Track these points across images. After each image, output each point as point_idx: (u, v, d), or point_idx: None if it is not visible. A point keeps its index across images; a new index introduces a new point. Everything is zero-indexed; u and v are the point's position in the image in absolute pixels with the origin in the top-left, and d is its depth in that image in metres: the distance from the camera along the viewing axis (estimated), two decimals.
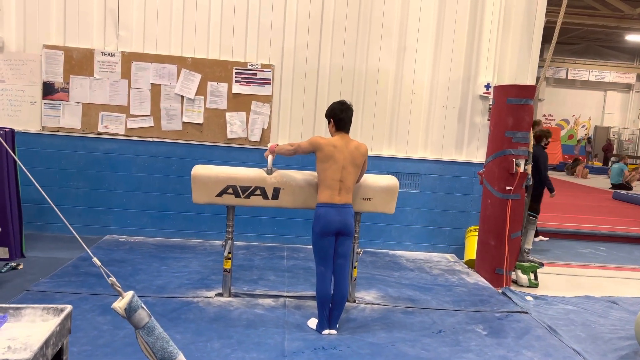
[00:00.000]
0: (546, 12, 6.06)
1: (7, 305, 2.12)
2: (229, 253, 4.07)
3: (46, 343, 1.81)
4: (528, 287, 5.15)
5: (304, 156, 4.11)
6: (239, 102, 5.78)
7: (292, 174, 4.00)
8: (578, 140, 24.17)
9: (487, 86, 5.96)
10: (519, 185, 4.98)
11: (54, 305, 2.10)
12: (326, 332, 3.63)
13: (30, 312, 2.07)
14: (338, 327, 3.71)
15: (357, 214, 4.15)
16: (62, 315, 2.03)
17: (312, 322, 3.75)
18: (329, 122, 3.73)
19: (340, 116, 3.66)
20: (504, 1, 5.92)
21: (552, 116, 24.77)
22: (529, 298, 4.72)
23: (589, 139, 24.48)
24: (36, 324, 2.02)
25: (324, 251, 3.63)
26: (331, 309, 3.67)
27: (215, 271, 4.71)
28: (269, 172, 3.98)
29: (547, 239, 7.33)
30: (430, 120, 6.03)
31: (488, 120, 5.91)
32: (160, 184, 5.81)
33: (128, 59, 5.61)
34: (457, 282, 5.04)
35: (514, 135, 4.96)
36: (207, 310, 3.87)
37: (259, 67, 5.76)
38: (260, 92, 5.78)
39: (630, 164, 18.30)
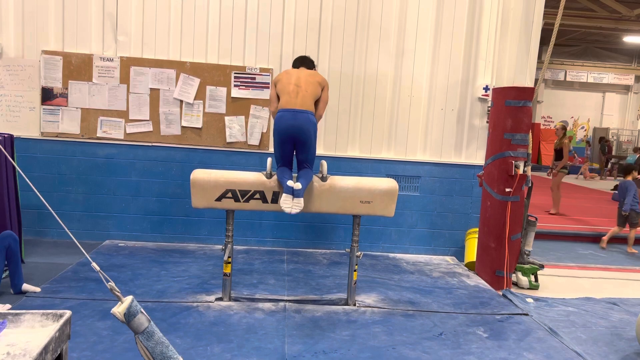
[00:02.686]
0: (544, 14, 6.07)
1: (6, 311, 2.11)
2: (229, 257, 4.07)
3: (45, 349, 1.81)
4: (528, 289, 5.14)
5: None
6: (238, 106, 5.79)
7: None
8: (587, 142, 24.07)
9: (486, 88, 5.96)
10: (518, 187, 4.97)
11: (53, 311, 2.10)
12: (290, 182, 3.79)
13: (30, 318, 2.07)
14: (337, 331, 3.70)
15: (357, 217, 4.15)
16: (62, 320, 2.03)
17: (283, 197, 3.83)
18: None
19: (294, 62, 4.45)
20: (502, 3, 5.94)
21: (551, 118, 24.76)
22: (529, 300, 4.71)
23: (587, 140, 24.49)
24: (35, 330, 2.02)
25: (282, 156, 4.01)
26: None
27: (215, 275, 4.71)
28: (268, 176, 3.98)
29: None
30: (429, 122, 6.04)
31: (487, 122, 5.92)
32: (159, 189, 5.80)
33: (127, 63, 5.62)
34: (457, 285, 5.03)
35: (513, 137, 4.96)
36: (207, 315, 3.86)
37: (258, 71, 5.76)
38: (259, 96, 5.78)
39: None
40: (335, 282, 4.82)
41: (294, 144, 4.00)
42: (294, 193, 3.78)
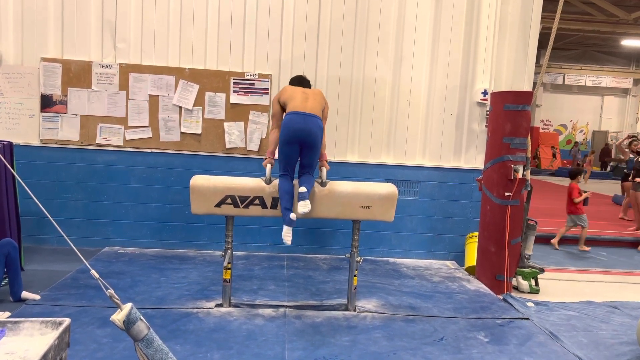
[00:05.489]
0: (542, 18, 6.09)
1: (5, 319, 2.11)
2: (229, 263, 4.06)
3: (44, 357, 1.80)
4: (529, 293, 5.13)
5: None
6: (237, 112, 5.79)
7: None
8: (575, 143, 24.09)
9: (484, 93, 5.97)
10: (517, 191, 4.98)
11: (52, 319, 2.09)
12: (293, 215, 3.84)
13: (29, 326, 2.06)
14: (337, 337, 3.70)
15: (356, 222, 4.14)
16: (61, 328, 2.02)
17: (285, 231, 3.87)
18: None
19: (292, 81, 4.39)
20: (500, 8, 5.96)
21: (550, 122, 24.83)
22: (530, 304, 4.70)
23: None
24: (34, 338, 2.01)
25: (287, 160, 3.96)
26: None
27: (215, 282, 4.70)
28: (268, 182, 3.98)
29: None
30: (428, 127, 6.04)
31: (486, 126, 5.93)
32: (159, 195, 5.80)
33: (126, 70, 5.63)
34: (457, 289, 5.02)
35: (512, 141, 4.96)
36: (207, 321, 3.85)
37: (257, 77, 5.78)
38: (258, 101, 5.79)
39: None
40: (335, 288, 4.81)
41: (301, 148, 3.96)
42: (299, 196, 3.81)
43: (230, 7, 5.71)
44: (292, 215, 3.84)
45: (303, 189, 3.80)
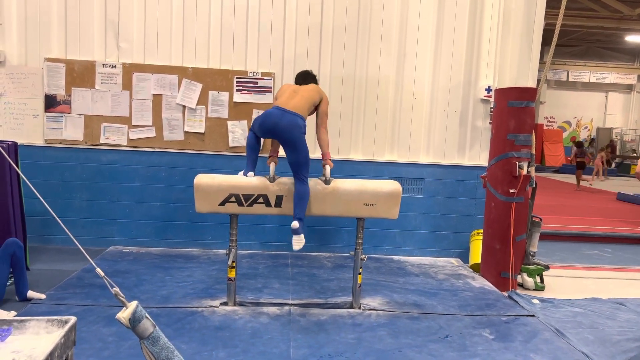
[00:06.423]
0: (545, 14, 6.06)
1: (11, 318, 2.12)
2: (233, 262, 4.06)
3: (51, 355, 1.81)
4: (534, 290, 5.12)
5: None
6: (241, 111, 5.80)
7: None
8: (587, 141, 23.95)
9: (488, 89, 5.96)
10: (522, 188, 4.96)
11: (58, 317, 2.10)
12: (251, 174, 4.01)
13: (35, 325, 2.07)
14: (342, 335, 3.69)
15: (360, 219, 4.14)
16: (67, 327, 2.03)
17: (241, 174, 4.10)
18: None
19: (296, 77, 4.47)
20: (503, 4, 5.93)
21: (554, 118, 24.75)
22: (535, 301, 4.69)
23: (592, 140, 24.43)
24: (40, 336, 2.02)
25: (257, 131, 4.09)
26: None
27: (220, 280, 4.70)
28: (272, 180, 3.98)
29: None
30: (431, 124, 6.03)
31: (490, 123, 5.91)
32: (163, 194, 5.81)
33: (129, 70, 5.64)
34: (462, 287, 5.01)
35: (516, 137, 4.95)
36: (212, 320, 3.86)
37: (260, 75, 5.77)
38: (261, 100, 5.79)
39: (633, 164, 18.21)
40: (339, 286, 4.81)
41: (280, 143, 4.09)
42: (292, 231, 3.90)
43: (233, 5, 5.70)
44: (250, 174, 4.02)
45: (295, 225, 3.87)
